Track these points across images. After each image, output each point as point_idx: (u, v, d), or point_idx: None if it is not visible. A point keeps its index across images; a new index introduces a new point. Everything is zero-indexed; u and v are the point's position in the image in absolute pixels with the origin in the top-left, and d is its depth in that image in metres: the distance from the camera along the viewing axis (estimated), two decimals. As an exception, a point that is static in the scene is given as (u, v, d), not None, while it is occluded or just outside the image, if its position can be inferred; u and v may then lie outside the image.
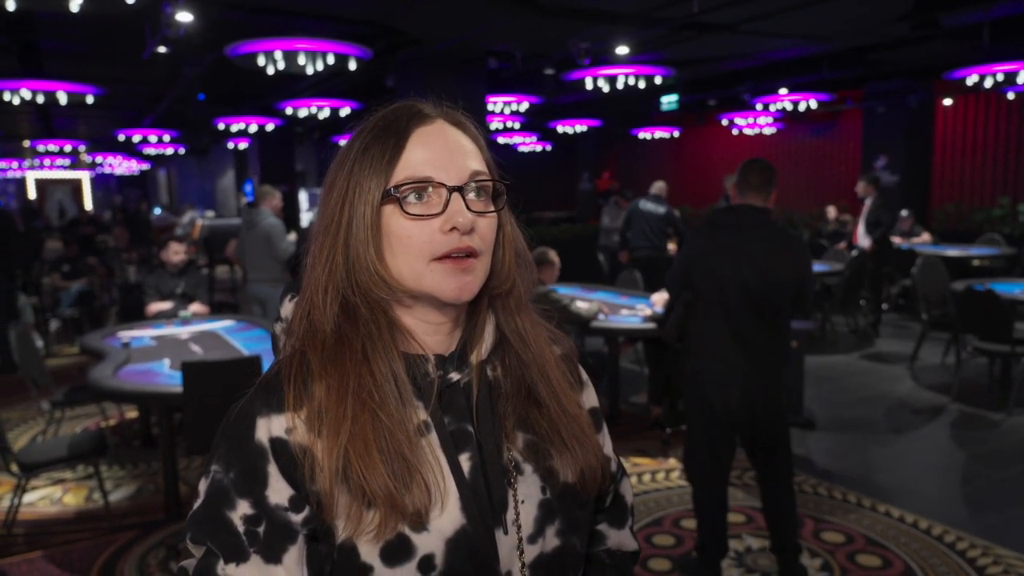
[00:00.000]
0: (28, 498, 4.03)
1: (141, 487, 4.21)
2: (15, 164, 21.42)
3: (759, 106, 10.44)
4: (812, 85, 9.72)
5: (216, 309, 5.92)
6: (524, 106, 10.03)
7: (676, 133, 14.14)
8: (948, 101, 10.73)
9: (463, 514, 0.79)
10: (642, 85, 7.85)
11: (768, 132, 13.20)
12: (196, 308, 5.25)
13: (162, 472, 3.83)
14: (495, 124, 11.63)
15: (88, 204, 24.09)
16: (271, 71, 6.22)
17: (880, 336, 7.68)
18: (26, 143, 17.20)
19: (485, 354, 0.88)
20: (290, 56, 6.04)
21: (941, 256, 7.29)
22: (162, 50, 6.35)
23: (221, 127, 11.68)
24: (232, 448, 0.79)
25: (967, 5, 6.46)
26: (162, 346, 4.33)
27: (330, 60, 6.11)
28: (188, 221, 15.43)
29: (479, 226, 0.82)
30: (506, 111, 10.16)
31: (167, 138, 13.54)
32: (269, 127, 11.66)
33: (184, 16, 5.22)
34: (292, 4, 6.31)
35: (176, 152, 17.61)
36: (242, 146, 15.94)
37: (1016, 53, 7.11)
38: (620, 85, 7.73)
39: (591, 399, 0.99)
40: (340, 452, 0.76)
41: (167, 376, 3.64)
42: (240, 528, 0.76)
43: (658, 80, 7.90)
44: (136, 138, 13.37)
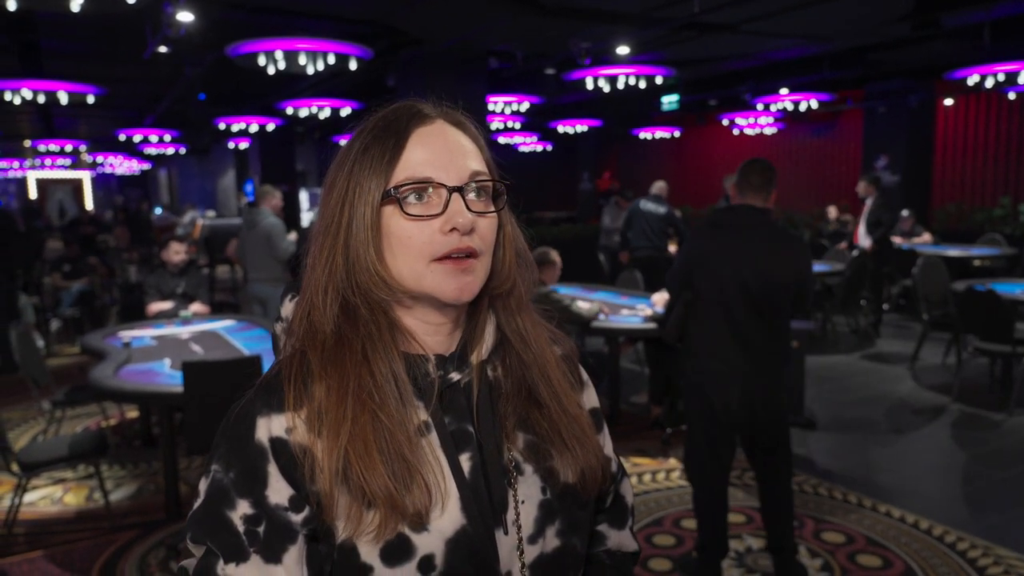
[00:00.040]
0: (29, 498, 4.03)
1: (142, 487, 4.21)
2: (16, 164, 21.43)
3: (760, 106, 10.44)
4: (813, 85, 9.71)
5: (217, 309, 5.93)
6: (525, 106, 10.03)
7: (677, 133, 14.14)
8: (949, 101, 10.73)
9: (463, 514, 0.79)
10: (643, 85, 7.85)
11: (769, 132, 13.19)
12: (197, 308, 5.26)
13: (163, 472, 3.83)
14: (496, 124, 11.63)
15: (89, 204, 24.10)
16: (272, 71, 6.22)
17: (881, 336, 7.67)
18: (27, 143, 17.21)
19: (486, 354, 0.88)
20: (291, 56, 6.05)
21: (942, 256, 7.29)
22: (163, 50, 6.35)
23: (222, 127, 11.68)
24: (232, 448, 0.79)
25: (968, 5, 6.46)
26: (163, 346, 4.34)
27: (331, 60, 6.11)
28: (189, 221, 15.43)
29: (479, 226, 0.82)
30: (507, 111, 10.16)
31: (168, 138, 13.54)
32: (270, 127, 11.66)
33: (185, 16, 5.22)
34: (293, 4, 6.31)
35: (177, 152, 17.61)
36: (243, 146, 15.96)
37: (1017, 53, 7.10)
38: (621, 85, 7.73)
39: (591, 399, 0.99)
40: (340, 453, 0.76)
41: (168, 376, 3.64)
42: (240, 528, 0.76)
43: (659, 80, 7.90)
44: (137, 138, 13.38)
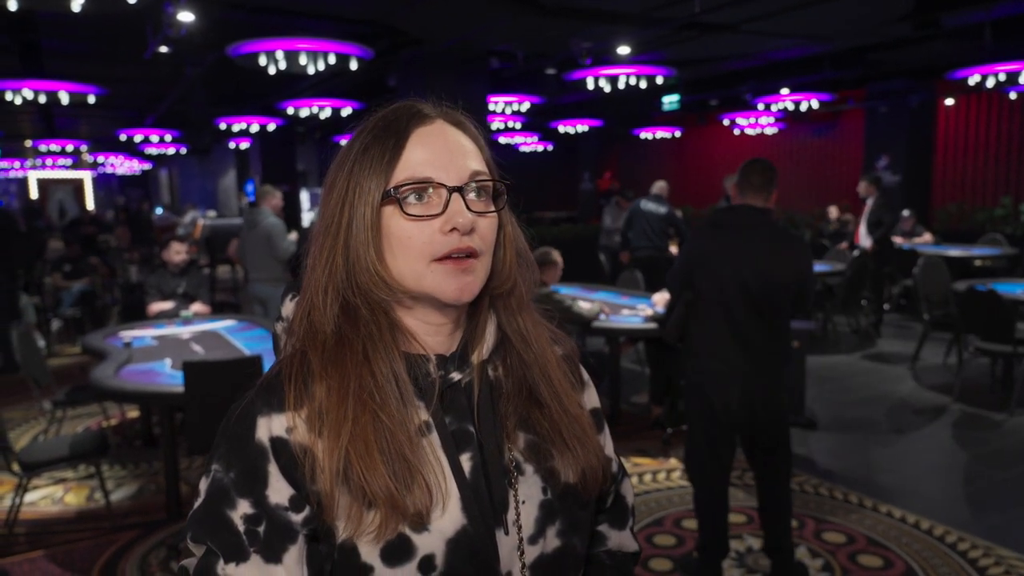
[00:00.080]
0: (30, 497, 4.03)
1: (142, 487, 4.21)
2: (17, 164, 21.44)
3: (760, 106, 10.44)
4: (814, 85, 9.71)
5: (217, 309, 5.93)
6: (525, 106, 10.03)
7: (677, 133, 14.14)
8: (950, 101, 10.72)
9: (464, 514, 0.79)
10: (643, 85, 7.84)
11: (770, 132, 13.19)
12: (197, 308, 5.26)
13: (163, 472, 3.83)
14: (496, 124, 11.63)
15: (90, 204, 24.11)
16: (272, 71, 6.22)
17: (882, 336, 7.67)
18: (28, 143, 17.22)
19: (486, 354, 0.88)
20: (291, 56, 6.05)
21: (943, 256, 7.29)
22: (164, 50, 6.35)
23: (223, 127, 11.69)
24: (232, 447, 0.79)
25: (968, 5, 6.45)
26: (163, 346, 4.34)
27: (331, 60, 6.11)
28: (190, 221, 15.45)
29: (479, 226, 0.81)
30: (507, 111, 10.16)
31: (169, 138, 13.54)
32: (270, 127, 11.67)
33: (185, 16, 5.22)
34: (293, 4, 6.31)
35: (178, 152, 17.62)
36: (244, 146, 15.96)
37: (1018, 53, 7.10)
38: (621, 85, 7.73)
39: (592, 399, 0.99)
40: (341, 453, 0.76)
41: (168, 376, 3.65)
42: (240, 527, 0.76)
43: (659, 80, 7.89)
44: (138, 138, 13.38)
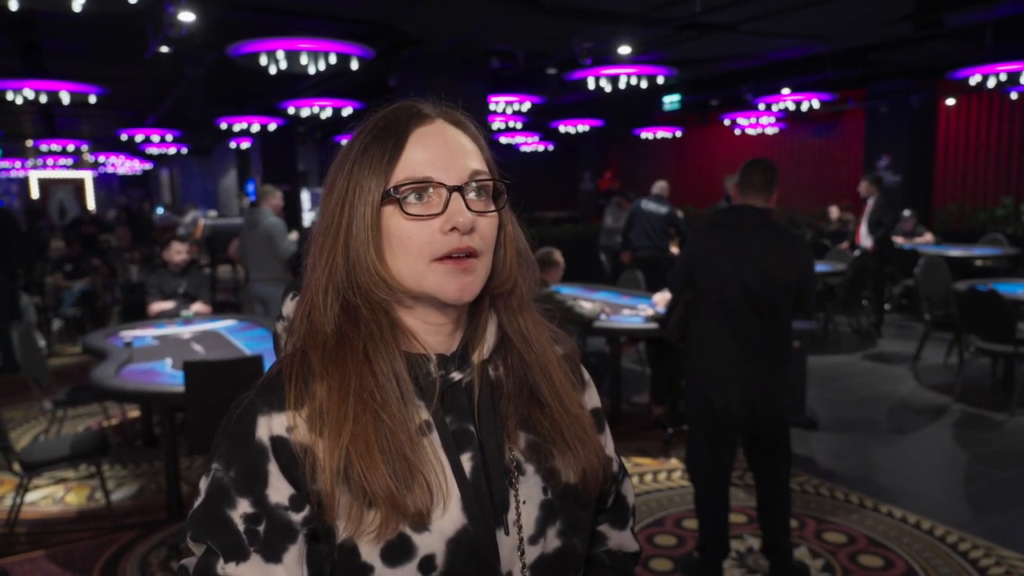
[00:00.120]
0: (30, 497, 4.03)
1: (143, 486, 4.21)
2: (18, 164, 21.45)
3: (761, 106, 10.43)
4: (814, 85, 9.70)
5: (218, 309, 5.93)
6: (526, 106, 10.02)
7: (678, 133, 14.14)
8: (951, 101, 10.71)
9: (464, 514, 0.79)
10: (644, 85, 7.84)
11: (770, 132, 13.19)
12: (198, 308, 5.26)
13: (164, 472, 3.83)
14: (497, 124, 11.62)
15: (91, 204, 24.12)
16: (273, 71, 6.22)
17: (882, 336, 7.67)
18: (29, 143, 17.23)
19: (487, 354, 0.88)
20: (292, 56, 6.05)
21: (944, 256, 7.28)
22: (164, 50, 6.35)
23: (223, 127, 11.68)
24: (233, 446, 0.79)
25: (970, 5, 6.44)
26: (164, 346, 4.34)
27: (332, 60, 6.11)
28: (190, 221, 15.45)
29: (479, 226, 0.81)
30: (508, 111, 10.15)
31: (170, 138, 13.54)
32: (271, 127, 11.67)
33: (186, 16, 5.22)
34: (294, 4, 6.31)
35: (179, 152, 17.62)
36: (244, 146, 15.96)
37: (1019, 53, 7.09)
38: (622, 85, 7.72)
39: (593, 399, 0.99)
40: (341, 452, 0.76)
41: (169, 376, 3.65)
42: (240, 527, 0.76)
43: (660, 80, 7.89)
44: (139, 138, 13.38)
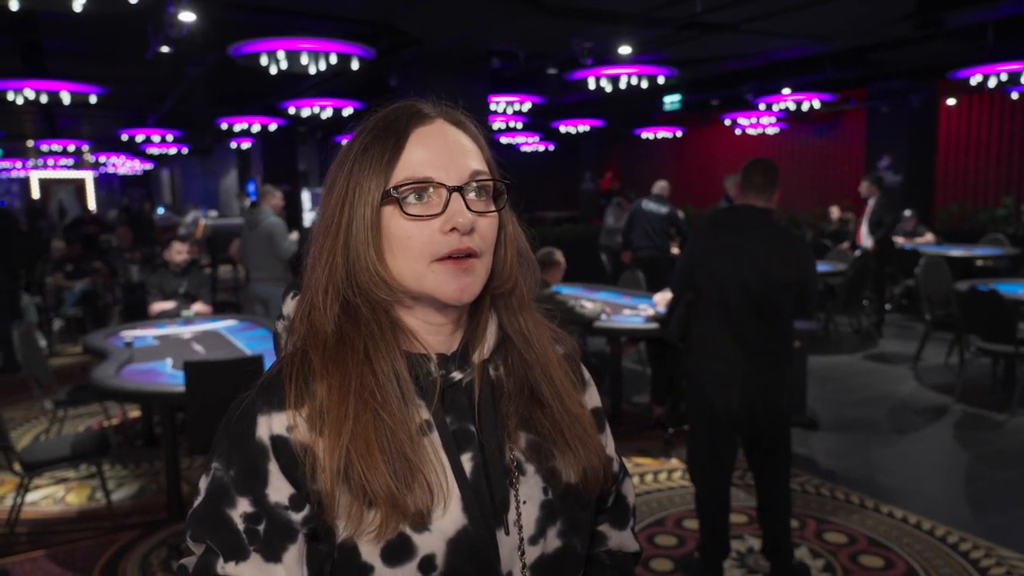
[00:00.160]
0: (31, 497, 4.04)
1: (143, 486, 4.22)
2: (19, 164, 21.45)
3: (762, 106, 10.42)
4: (815, 85, 9.70)
5: (218, 309, 5.93)
6: (527, 106, 10.02)
7: (679, 133, 14.13)
8: (952, 101, 10.71)
9: (465, 514, 0.79)
10: (645, 85, 7.83)
11: (771, 132, 13.18)
12: (199, 308, 5.26)
13: (164, 471, 3.83)
14: (498, 124, 11.62)
15: (92, 204, 24.13)
16: (274, 71, 6.22)
17: (883, 336, 7.66)
18: (30, 143, 17.23)
19: (487, 353, 0.87)
20: (293, 56, 6.04)
21: (945, 256, 7.28)
22: (165, 50, 6.35)
23: (224, 127, 11.68)
24: (233, 445, 0.78)
25: (970, 5, 6.43)
26: (165, 346, 4.34)
27: (332, 60, 6.11)
28: (191, 221, 15.46)
29: (479, 226, 0.81)
30: (509, 111, 10.15)
31: (170, 138, 13.54)
32: (272, 127, 11.67)
33: (187, 16, 5.22)
34: (295, 4, 6.31)
35: (179, 152, 17.62)
36: (245, 146, 15.96)
37: (1020, 53, 7.08)
38: (623, 85, 7.72)
39: (593, 399, 0.99)
40: (342, 451, 0.76)
41: (170, 376, 3.65)
42: (240, 526, 0.76)
43: (661, 80, 7.88)
44: (139, 138, 13.38)
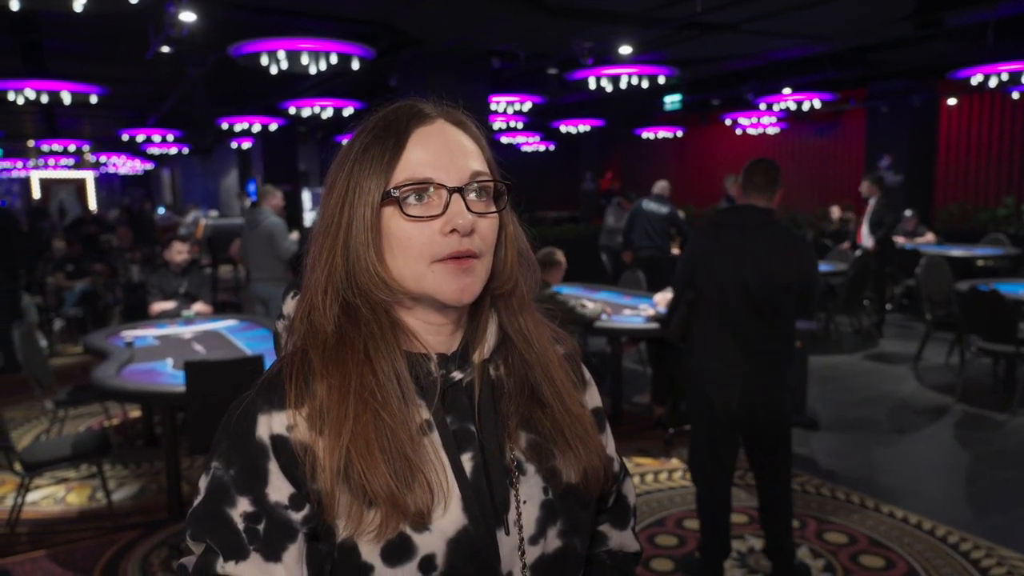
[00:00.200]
0: (31, 497, 4.04)
1: (144, 486, 4.22)
2: (20, 164, 21.46)
3: (762, 106, 10.42)
4: (815, 85, 9.70)
5: (219, 309, 5.93)
6: (527, 106, 10.01)
7: (679, 133, 14.12)
8: (952, 101, 10.70)
9: (465, 514, 0.79)
10: (645, 85, 7.83)
11: (772, 132, 13.18)
12: (199, 308, 5.26)
13: (165, 471, 3.84)
14: (498, 124, 11.62)
15: (92, 204, 24.13)
16: (274, 71, 6.22)
17: (884, 336, 7.66)
18: (30, 143, 17.24)
19: (487, 353, 0.87)
20: (293, 56, 6.04)
21: (945, 256, 7.28)
22: (165, 50, 6.35)
23: (225, 127, 11.68)
24: (233, 445, 0.78)
25: (971, 4, 6.43)
26: (165, 346, 4.34)
27: (333, 60, 6.11)
28: (192, 221, 15.46)
29: (480, 227, 0.81)
30: (509, 111, 10.14)
31: (171, 138, 13.55)
32: (272, 127, 11.67)
33: (187, 16, 5.22)
34: (295, 4, 6.31)
35: (180, 152, 17.63)
36: (245, 146, 15.96)
37: (1021, 53, 7.08)
38: (623, 85, 7.71)
39: (594, 399, 0.99)
40: (342, 451, 0.76)
41: (170, 375, 3.65)
42: (240, 526, 0.76)
43: (661, 80, 7.88)
44: (140, 138, 13.39)
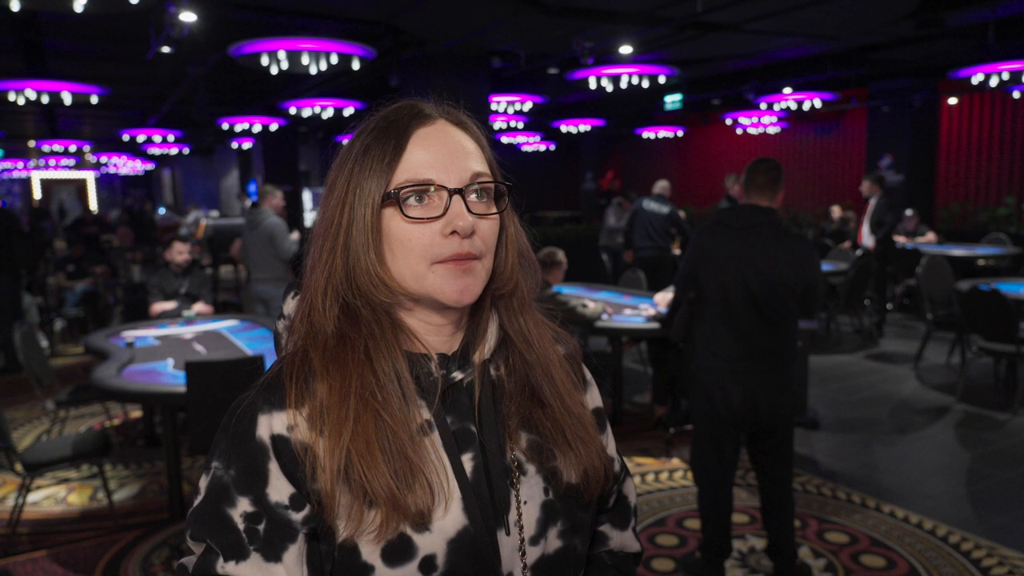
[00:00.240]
0: (32, 497, 4.04)
1: (145, 487, 4.22)
2: (20, 164, 21.48)
3: (763, 105, 10.41)
4: (816, 84, 9.69)
5: (219, 309, 5.94)
6: (528, 106, 10.02)
7: (680, 132, 14.12)
8: (953, 100, 10.69)
9: (465, 515, 0.79)
10: (646, 84, 7.83)
11: (772, 131, 13.17)
12: (200, 308, 5.26)
13: (166, 472, 3.83)
14: (499, 124, 11.62)
15: (93, 204, 24.14)
16: (275, 71, 6.22)
17: (885, 336, 7.66)
18: (31, 143, 17.25)
19: (488, 354, 0.87)
20: (294, 56, 6.04)
21: (946, 256, 7.28)
22: (166, 50, 6.35)
23: (225, 127, 11.69)
24: (233, 445, 0.78)
25: (972, 4, 6.43)
26: (166, 346, 4.34)
27: (334, 60, 6.11)
28: (192, 221, 15.45)
29: (480, 228, 0.81)
30: (510, 111, 10.15)
31: (171, 138, 13.55)
32: (273, 127, 11.67)
33: (188, 16, 5.22)
34: (296, 4, 6.31)
35: (180, 152, 17.65)
36: (246, 146, 15.97)
37: (1021, 52, 7.08)
38: (624, 84, 7.71)
39: (595, 399, 0.98)
40: (342, 451, 0.76)
41: (171, 376, 3.65)
42: (240, 526, 0.76)
43: (662, 79, 7.88)
44: (140, 138, 13.39)
